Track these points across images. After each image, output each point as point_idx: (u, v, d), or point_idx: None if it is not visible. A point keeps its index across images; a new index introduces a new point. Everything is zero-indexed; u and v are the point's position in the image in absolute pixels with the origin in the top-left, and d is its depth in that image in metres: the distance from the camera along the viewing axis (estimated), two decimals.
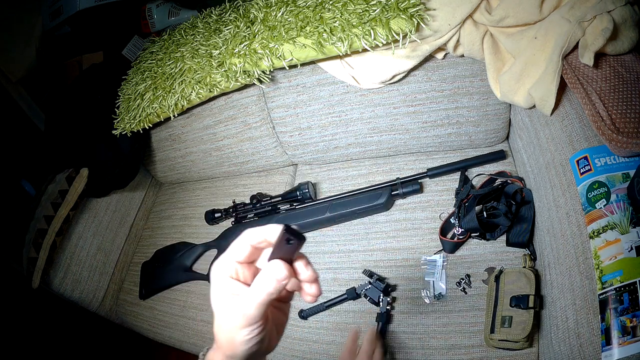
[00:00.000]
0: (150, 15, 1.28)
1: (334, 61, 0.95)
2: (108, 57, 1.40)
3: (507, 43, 0.78)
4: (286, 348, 0.91)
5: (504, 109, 0.92)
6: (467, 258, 0.85)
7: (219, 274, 0.35)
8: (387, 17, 0.78)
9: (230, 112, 1.14)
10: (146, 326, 1.15)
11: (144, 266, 1.22)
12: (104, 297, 1.24)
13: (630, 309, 0.51)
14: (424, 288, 0.83)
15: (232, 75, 0.97)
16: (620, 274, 0.54)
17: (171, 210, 1.36)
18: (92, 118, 1.24)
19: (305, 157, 1.17)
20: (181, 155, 1.30)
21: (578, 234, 0.64)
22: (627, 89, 0.64)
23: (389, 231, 0.95)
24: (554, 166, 0.73)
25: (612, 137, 0.60)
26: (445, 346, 0.78)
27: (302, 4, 0.90)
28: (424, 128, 0.99)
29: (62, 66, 1.48)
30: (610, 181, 0.62)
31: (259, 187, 1.23)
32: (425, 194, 0.98)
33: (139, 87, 1.15)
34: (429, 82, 0.92)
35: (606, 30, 0.65)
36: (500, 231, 0.83)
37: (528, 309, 0.69)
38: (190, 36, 1.13)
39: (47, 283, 1.14)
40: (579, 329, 0.58)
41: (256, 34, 0.94)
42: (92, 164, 1.21)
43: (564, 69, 0.70)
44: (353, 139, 1.06)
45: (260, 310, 0.33)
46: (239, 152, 1.22)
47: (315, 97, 1.02)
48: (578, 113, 0.72)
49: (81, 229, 1.22)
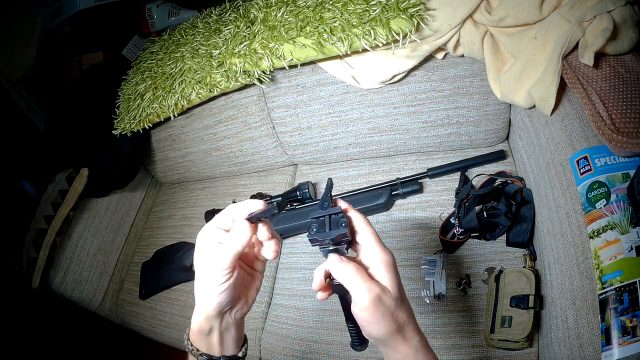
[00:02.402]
0: (150, 15, 1.28)
1: (334, 61, 0.95)
2: (108, 57, 1.40)
3: (507, 43, 0.78)
4: (286, 348, 0.91)
5: (504, 109, 0.92)
6: (467, 258, 0.85)
7: (204, 236, 0.40)
8: (387, 17, 0.78)
9: (230, 112, 1.14)
10: (146, 326, 1.15)
11: (144, 266, 1.22)
12: (104, 297, 1.24)
13: (630, 309, 0.51)
14: (424, 288, 0.83)
15: (232, 75, 0.97)
16: (620, 274, 0.54)
17: (171, 210, 1.36)
18: (92, 118, 1.24)
19: (305, 157, 1.17)
20: (181, 155, 1.30)
21: (578, 234, 0.63)
22: (627, 89, 0.64)
23: (389, 231, 0.95)
24: (554, 166, 0.73)
25: (612, 137, 0.60)
26: (445, 346, 0.77)
27: (302, 4, 0.90)
28: (424, 128, 0.99)
29: (62, 66, 1.48)
30: (610, 181, 0.62)
31: (259, 187, 1.23)
32: (425, 194, 0.98)
33: (139, 87, 1.15)
34: (429, 82, 0.92)
35: (606, 30, 0.65)
36: (500, 231, 0.83)
37: (528, 309, 0.69)
38: (190, 36, 1.13)
39: (47, 283, 1.14)
40: (579, 329, 0.58)
41: (256, 34, 0.94)
42: (92, 164, 1.21)
43: (564, 69, 0.70)
44: (353, 139, 1.06)
45: (230, 258, 0.38)
46: (239, 152, 1.22)
47: (315, 97, 1.02)
48: (578, 113, 0.72)
49: (81, 229, 1.22)
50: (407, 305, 0.41)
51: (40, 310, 1.43)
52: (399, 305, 0.39)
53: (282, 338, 0.93)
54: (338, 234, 0.40)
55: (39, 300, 1.33)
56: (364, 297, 0.37)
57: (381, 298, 0.38)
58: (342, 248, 0.42)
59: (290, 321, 0.93)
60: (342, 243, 0.42)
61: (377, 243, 0.41)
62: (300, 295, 0.95)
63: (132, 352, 1.51)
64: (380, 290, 0.38)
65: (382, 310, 0.38)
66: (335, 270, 0.40)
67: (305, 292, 0.95)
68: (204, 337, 0.42)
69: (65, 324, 1.46)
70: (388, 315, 0.38)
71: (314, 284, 0.43)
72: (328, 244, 0.41)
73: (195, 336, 0.42)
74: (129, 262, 1.32)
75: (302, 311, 0.93)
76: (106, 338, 1.47)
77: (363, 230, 0.42)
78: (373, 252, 0.41)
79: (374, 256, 0.41)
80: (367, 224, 0.42)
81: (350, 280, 0.38)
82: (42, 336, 1.43)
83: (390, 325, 0.38)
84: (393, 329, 0.39)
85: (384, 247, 0.42)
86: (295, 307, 0.95)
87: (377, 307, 0.38)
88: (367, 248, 0.41)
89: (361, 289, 0.38)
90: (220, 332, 0.42)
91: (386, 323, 0.38)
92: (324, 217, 0.42)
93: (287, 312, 0.95)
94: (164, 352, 1.39)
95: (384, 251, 0.41)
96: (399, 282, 0.41)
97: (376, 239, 0.42)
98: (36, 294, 1.13)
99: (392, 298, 0.39)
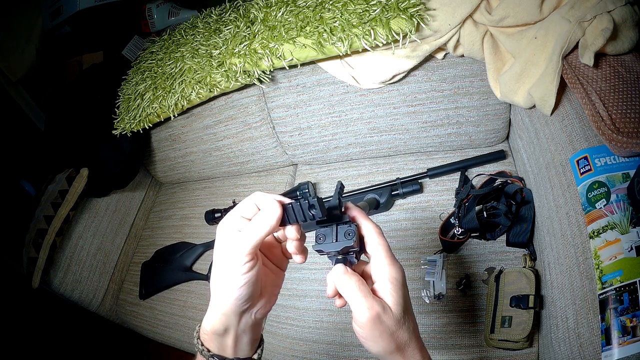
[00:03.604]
0: (150, 15, 1.28)
1: (334, 61, 0.95)
2: (108, 57, 1.40)
3: (507, 43, 0.78)
4: (286, 348, 0.91)
5: (504, 109, 0.92)
6: (467, 258, 0.85)
7: (224, 224, 0.38)
8: (387, 17, 0.78)
9: (230, 112, 1.14)
10: (146, 326, 1.15)
11: (144, 266, 1.22)
12: (104, 297, 1.24)
13: (630, 309, 0.51)
14: (424, 288, 0.83)
15: (232, 75, 0.97)
16: (620, 274, 0.54)
17: (171, 210, 1.36)
18: (92, 118, 1.24)
19: (305, 157, 1.17)
20: (181, 155, 1.30)
21: (578, 234, 0.63)
22: (627, 89, 0.64)
23: (389, 231, 0.95)
24: (554, 166, 0.73)
25: (612, 137, 0.60)
26: (445, 346, 0.78)
27: (302, 4, 0.90)
28: (424, 128, 0.99)
29: (62, 66, 1.48)
30: (610, 181, 0.62)
31: (259, 187, 1.23)
32: (425, 194, 0.98)
33: (139, 87, 1.15)
34: (429, 82, 0.92)
35: (606, 30, 0.65)
36: (500, 231, 0.83)
37: (528, 309, 0.69)
38: (190, 36, 1.13)
39: (47, 283, 1.14)
40: (579, 329, 0.58)
41: (256, 34, 0.94)
42: (92, 164, 1.21)
43: (564, 69, 0.70)
44: (353, 139, 1.06)
45: (253, 243, 0.36)
46: (239, 152, 1.22)
47: (315, 97, 1.02)
48: (578, 113, 0.72)
49: (81, 229, 1.22)
50: (412, 324, 0.40)
51: (40, 310, 1.43)
52: (401, 325, 0.38)
53: (282, 338, 0.93)
54: (344, 246, 0.38)
55: (39, 300, 1.33)
56: (362, 315, 0.36)
57: (381, 317, 0.37)
58: (351, 257, 0.40)
59: (290, 321, 0.93)
60: (350, 253, 0.40)
61: (387, 257, 0.39)
62: (300, 295, 0.95)
63: (132, 352, 1.51)
64: (380, 309, 0.37)
65: (381, 329, 0.37)
66: (337, 282, 0.39)
67: (305, 292, 0.95)
68: (217, 337, 0.40)
69: (65, 324, 1.46)
70: (387, 335, 0.37)
71: (329, 290, 0.41)
72: (335, 255, 0.40)
73: (207, 335, 0.40)
74: (129, 262, 1.32)
75: (302, 311, 0.93)
76: (106, 338, 1.48)
77: (373, 242, 0.40)
78: (381, 266, 0.39)
79: (382, 271, 0.39)
80: (379, 235, 0.40)
81: (351, 295, 0.37)
82: (42, 336, 1.43)
83: (388, 345, 0.38)
84: (392, 348, 0.38)
85: (394, 261, 0.40)
86: (295, 307, 0.94)
87: (375, 326, 0.37)
88: (376, 261, 0.40)
89: (361, 306, 0.37)
90: (236, 333, 0.40)
91: (384, 342, 0.37)
92: (331, 226, 0.40)
93: (287, 312, 0.95)
94: (164, 352, 1.39)
95: (393, 266, 0.39)
96: (404, 301, 0.39)
97: (386, 253, 0.40)
98: (36, 294, 1.13)
99: (392, 317, 0.37)
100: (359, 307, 0.37)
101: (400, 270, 0.40)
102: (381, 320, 0.37)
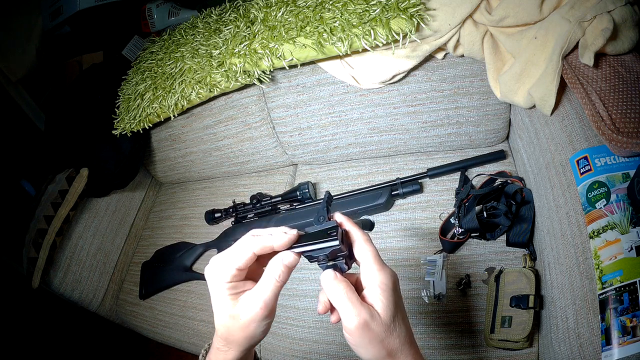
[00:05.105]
0: (150, 15, 1.28)
1: (334, 61, 0.95)
2: (108, 57, 1.40)
3: (507, 43, 0.78)
4: (286, 348, 0.91)
5: (504, 109, 0.92)
6: (467, 258, 0.85)
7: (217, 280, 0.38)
8: (387, 17, 0.78)
9: (230, 112, 1.14)
10: (146, 326, 1.15)
11: (144, 266, 1.22)
12: (104, 297, 1.24)
13: (630, 309, 0.51)
14: (424, 288, 0.83)
15: (232, 75, 0.97)
16: (620, 274, 0.54)
17: (171, 210, 1.36)
18: (92, 118, 1.24)
19: (305, 157, 1.17)
20: (181, 155, 1.30)
21: (578, 234, 0.63)
22: (627, 89, 0.64)
23: (389, 231, 0.95)
24: (554, 166, 0.73)
25: (612, 137, 0.60)
26: (445, 346, 0.78)
27: (302, 4, 0.90)
28: (424, 128, 0.99)
29: (62, 66, 1.48)
30: (610, 181, 0.62)
31: (259, 187, 1.23)
32: (425, 194, 0.98)
33: (139, 87, 1.15)
34: (429, 82, 0.92)
35: (606, 30, 0.65)
36: (500, 231, 0.83)
37: (528, 309, 0.69)
38: (190, 36, 1.13)
39: (47, 283, 1.14)
40: (579, 329, 0.58)
41: (256, 34, 0.94)
42: (92, 164, 1.21)
43: (564, 69, 0.70)
44: (353, 139, 1.06)
45: (276, 295, 0.37)
46: (239, 152, 1.22)
47: (315, 97, 1.02)
48: (578, 113, 0.72)
49: (81, 229, 1.22)
50: (404, 330, 0.39)
51: (40, 310, 1.43)
52: (391, 332, 0.37)
53: (282, 338, 0.93)
54: (332, 249, 0.39)
55: (39, 300, 1.33)
56: (350, 322, 0.36)
57: (369, 324, 0.36)
58: (341, 264, 0.40)
59: (290, 321, 0.93)
60: (338, 258, 0.40)
61: (375, 262, 0.39)
62: (300, 295, 0.95)
63: (132, 352, 1.51)
64: (368, 316, 0.36)
65: (370, 336, 0.36)
66: (326, 287, 0.38)
67: (305, 292, 0.95)
68: None
69: (65, 324, 1.46)
70: (376, 341, 0.37)
71: (319, 306, 0.41)
72: (325, 260, 0.40)
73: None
74: (129, 262, 1.32)
75: (302, 311, 0.93)
76: (106, 338, 1.48)
77: (361, 248, 0.40)
78: (370, 272, 0.39)
79: (371, 277, 0.39)
80: (366, 241, 0.40)
81: (339, 302, 0.37)
82: (42, 336, 1.43)
83: (379, 352, 0.37)
84: (382, 355, 0.37)
85: (383, 266, 0.39)
86: (295, 307, 0.95)
87: (364, 333, 0.36)
88: (365, 267, 0.39)
89: (349, 313, 0.36)
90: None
91: (374, 349, 0.37)
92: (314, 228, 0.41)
93: (287, 312, 0.95)
94: (164, 352, 1.39)
95: (382, 271, 0.39)
96: (394, 306, 0.38)
97: (374, 258, 0.39)
98: (36, 294, 1.13)
99: (381, 324, 0.37)
100: (347, 314, 0.36)
101: (390, 276, 0.39)
102: (369, 327, 0.36)
